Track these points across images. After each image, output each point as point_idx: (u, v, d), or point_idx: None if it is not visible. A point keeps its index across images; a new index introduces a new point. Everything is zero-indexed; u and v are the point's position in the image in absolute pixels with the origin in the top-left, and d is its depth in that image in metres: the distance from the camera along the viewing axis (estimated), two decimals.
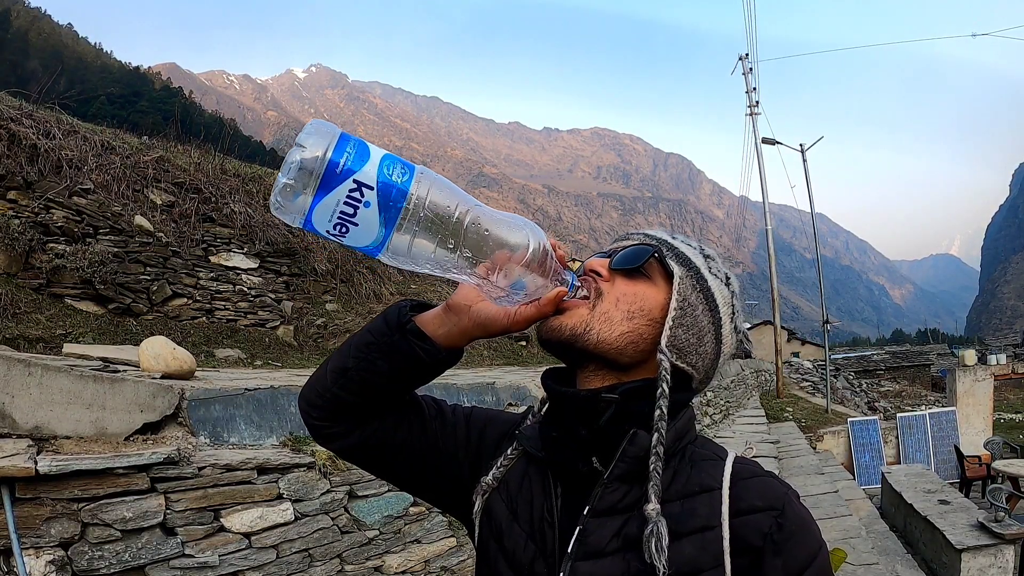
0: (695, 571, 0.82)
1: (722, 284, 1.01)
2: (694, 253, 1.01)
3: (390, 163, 0.75)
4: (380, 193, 0.74)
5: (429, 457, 1.05)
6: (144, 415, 2.87)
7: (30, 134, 6.22)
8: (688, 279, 0.96)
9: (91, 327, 5.47)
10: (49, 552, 2.43)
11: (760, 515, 0.84)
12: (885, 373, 43.08)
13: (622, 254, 0.97)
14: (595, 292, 0.93)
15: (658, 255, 0.96)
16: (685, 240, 1.04)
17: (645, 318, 0.93)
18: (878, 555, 6.65)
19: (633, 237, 1.03)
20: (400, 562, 3.84)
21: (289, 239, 7.96)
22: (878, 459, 15.57)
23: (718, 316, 0.98)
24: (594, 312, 0.92)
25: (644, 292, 0.95)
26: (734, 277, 1.04)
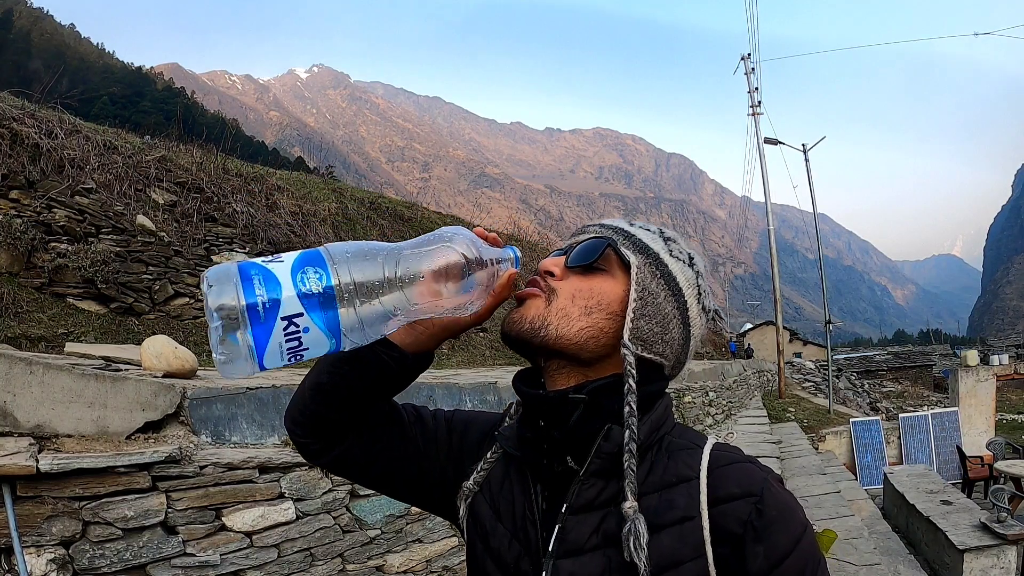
0: (676, 563, 0.81)
1: (685, 266, 0.99)
2: (652, 238, 0.99)
3: (302, 275, 0.73)
4: (311, 313, 0.73)
5: (412, 465, 1.07)
6: (146, 414, 2.87)
7: (32, 133, 6.23)
8: (646, 267, 0.94)
9: (93, 326, 5.47)
10: (50, 551, 2.43)
11: (738, 502, 0.83)
12: (887, 374, 43.11)
13: (576, 251, 0.95)
14: (546, 289, 0.93)
15: (613, 246, 0.94)
16: (643, 226, 1.01)
17: (604, 312, 0.92)
18: (880, 555, 6.64)
19: (589, 230, 1.01)
20: (402, 561, 3.84)
21: (291, 239, 7.97)
22: (880, 460, 15.58)
23: (682, 300, 0.96)
24: (551, 307, 0.91)
25: (600, 286, 0.93)
26: (699, 256, 1.02)
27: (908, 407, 23.61)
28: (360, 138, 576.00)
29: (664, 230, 1.03)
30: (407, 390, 1.01)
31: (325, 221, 9.10)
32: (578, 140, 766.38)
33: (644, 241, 0.97)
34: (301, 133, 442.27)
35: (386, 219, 11.43)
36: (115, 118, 11.56)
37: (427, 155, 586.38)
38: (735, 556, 0.81)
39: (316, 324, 0.73)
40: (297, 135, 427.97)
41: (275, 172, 10.64)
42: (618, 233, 0.98)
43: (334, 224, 9.34)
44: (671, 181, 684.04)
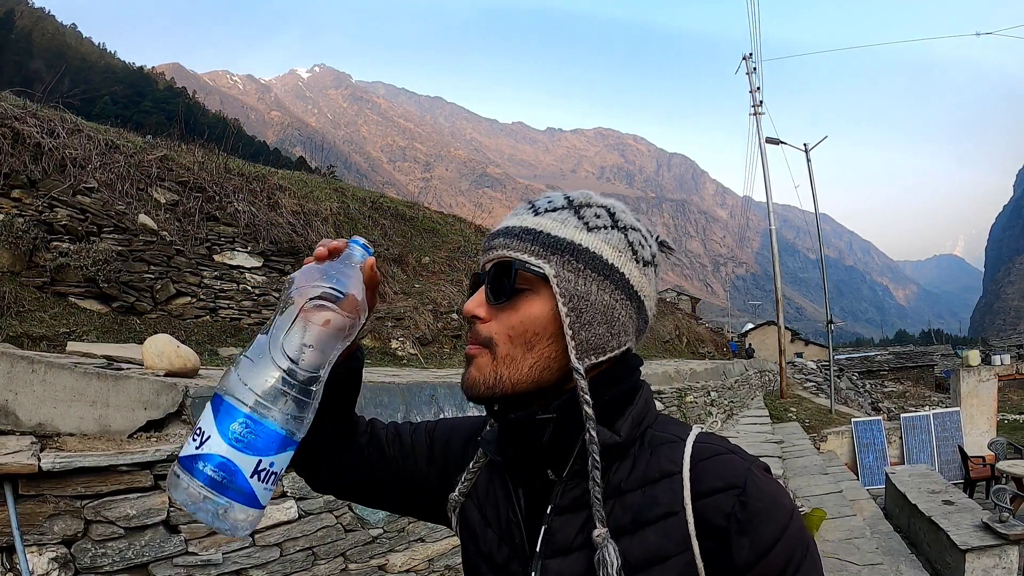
0: (662, 558, 0.82)
1: (608, 231, 0.92)
2: (562, 220, 0.91)
3: (232, 434, 0.76)
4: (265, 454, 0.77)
5: (395, 479, 1.12)
6: (148, 413, 2.87)
7: (34, 133, 6.23)
8: (565, 268, 0.88)
9: (95, 325, 5.47)
10: (52, 549, 2.43)
11: (721, 495, 0.82)
12: (889, 374, 43.08)
13: (490, 287, 0.90)
14: (484, 341, 0.89)
15: (520, 267, 0.88)
16: (549, 204, 0.93)
17: (544, 339, 0.89)
18: (882, 555, 6.64)
19: (495, 245, 0.92)
20: (404, 560, 3.84)
21: (293, 238, 7.97)
22: (882, 459, 15.57)
23: (618, 276, 0.91)
24: (496, 360, 0.89)
25: (529, 313, 0.88)
26: (621, 207, 0.96)
27: (910, 407, 23.61)
28: (361, 138, 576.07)
29: (572, 196, 0.95)
30: (412, 389, 1.04)
31: (327, 220, 9.10)
32: (579, 140, 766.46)
33: (553, 234, 0.89)
34: (302, 133, 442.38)
35: (388, 219, 11.43)
36: (116, 118, 11.54)
37: (428, 155, 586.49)
38: (721, 549, 0.81)
39: (277, 453, 0.78)
40: (298, 135, 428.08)
41: (277, 172, 10.64)
42: (523, 238, 0.89)
43: (336, 224, 9.34)
44: (672, 181, 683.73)
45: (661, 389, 8.88)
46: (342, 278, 0.85)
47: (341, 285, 0.84)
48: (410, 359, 7.63)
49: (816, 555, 0.84)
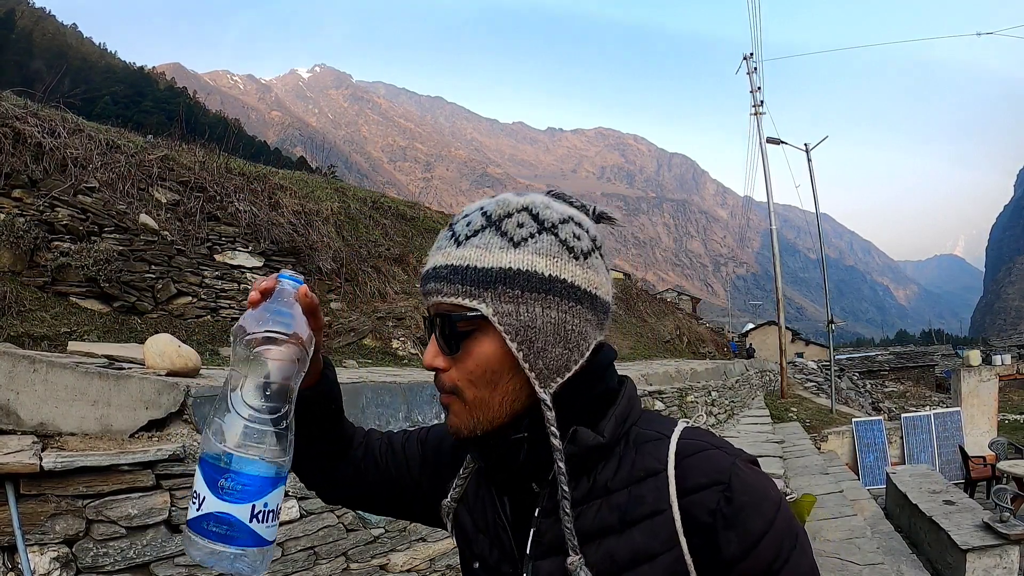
0: (649, 556, 0.82)
1: (536, 239, 0.87)
2: (484, 248, 0.86)
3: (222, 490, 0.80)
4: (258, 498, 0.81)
5: (388, 488, 1.16)
6: (149, 412, 2.87)
7: (35, 133, 6.23)
8: (502, 303, 0.85)
9: (96, 325, 5.47)
10: (53, 549, 2.43)
11: (706, 492, 0.82)
12: (889, 374, 43.09)
13: (445, 334, 0.88)
14: (451, 390, 0.90)
15: (459, 319, 0.86)
16: (469, 230, 0.89)
17: (505, 374, 0.88)
18: (883, 555, 6.64)
19: (429, 290, 0.89)
20: (405, 560, 3.84)
21: (294, 238, 7.97)
22: (882, 459, 15.56)
23: (561, 284, 0.86)
24: (467, 406, 0.89)
25: (482, 355, 0.87)
26: (543, 203, 0.89)
27: (910, 407, 23.61)
28: (362, 138, 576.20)
29: (488, 210, 0.90)
30: (413, 389, 1.06)
31: (328, 220, 9.10)
32: (580, 140, 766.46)
33: (480, 266, 0.85)
34: (303, 133, 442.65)
35: (388, 219, 11.44)
36: (117, 118, 11.54)
37: (429, 155, 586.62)
38: (709, 545, 0.81)
39: (268, 494, 0.82)
40: (299, 135, 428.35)
41: (277, 172, 10.64)
42: (451, 280, 0.86)
43: (337, 223, 9.35)
44: (673, 181, 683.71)
45: (662, 389, 8.88)
46: (280, 316, 0.86)
47: (282, 324, 0.85)
48: (411, 359, 7.64)
49: (806, 544, 0.84)
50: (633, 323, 21.19)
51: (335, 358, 6.92)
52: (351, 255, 8.92)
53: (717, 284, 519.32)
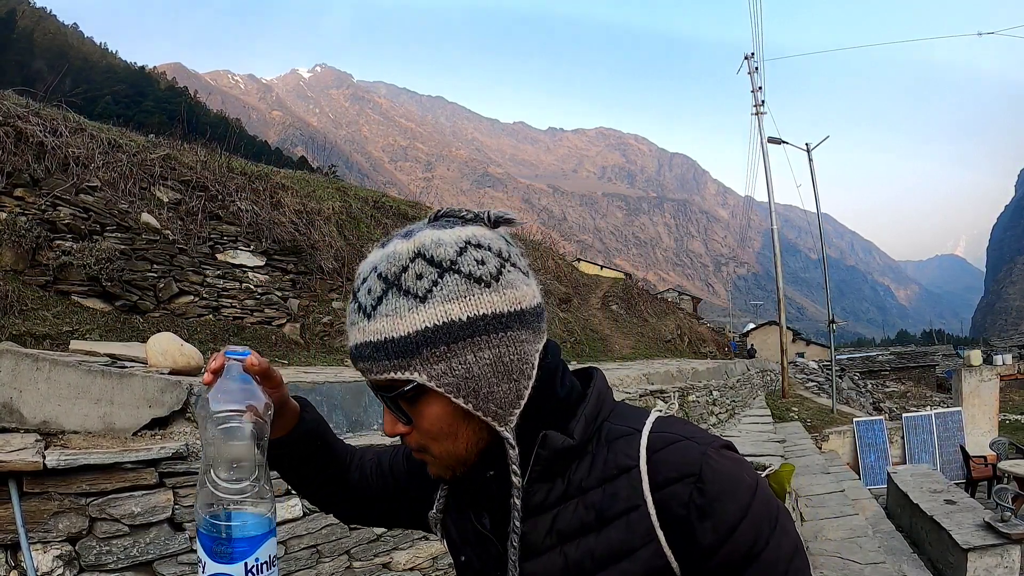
0: (629, 551, 0.83)
1: (441, 286, 0.83)
2: (394, 314, 0.83)
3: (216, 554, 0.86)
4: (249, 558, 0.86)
5: (383, 503, 1.23)
6: (152, 410, 2.87)
7: (37, 132, 6.24)
8: (432, 366, 0.82)
9: (98, 324, 5.48)
10: (56, 547, 2.43)
11: (677, 486, 0.82)
12: (890, 374, 43.03)
13: (389, 408, 0.90)
14: (419, 450, 0.92)
15: (396, 398, 0.87)
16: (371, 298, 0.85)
17: (462, 423, 0.87)
18: (884, 554, 6.64)
19: (360, 369, 0.88)
20: (408, 558, 3.84)
21: (295, 237, 7.98)
22: (884, 459, 15.56)
23: (483, 321, 0.83)
24: (437, 459, 0.91)
25: (434, 415, 0.86)
26: (432, 240, 0.86)
27: (911, 407, 23.57)
28: (363, 138, 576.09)
29: (380, 270, 0.86)
30: None
31: (329, 220, 9.11)
32: (581, 140, 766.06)
33: (396, 336, 0.82)
34: (304, 133, 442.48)
35: (390, 218, 11.44)
36: (118, 117, 11.55)
37: (430, 155, 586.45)
38: (686, 536, 0.81)
39: (258, 549, 0.87)
40: (300, 135, 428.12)
41: (279, 171, 10.65)
42: (376, 358, 0.84)
43: (338, 223, 9.35)
44: (674, 181, 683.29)
45: (664, 388, 8.87)
46: (234, 394, 0.90)
47: (236, 402, 0.89)
48: None
49: (786, 523, 0.84)
50: (634, 323, 21.20)
51: (337, 357, 6.93)
52: (353, 254, 8.92)
53: (718, 284, 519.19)
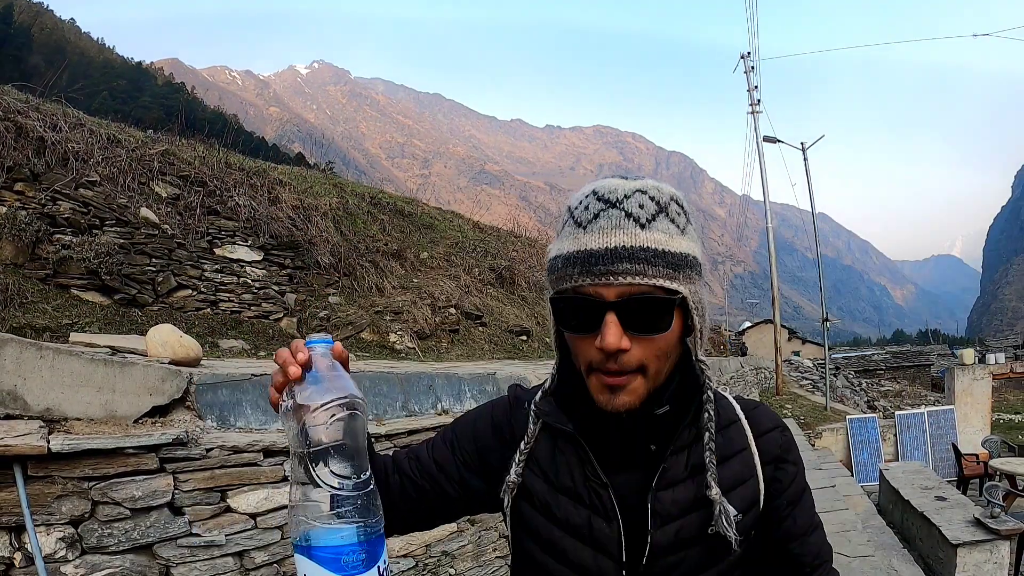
0: (742, 480, 1.09)
1: (690, 226, 0.98)
2: (667, 234, 0.94)
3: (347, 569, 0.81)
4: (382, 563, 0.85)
5: (432, 499, 1.19)
6: (153, 398, 2.93)
7: (37, 127, 6.28)
8: (689, 286, 0.95)
9: (97, 317, 5.52)
10: (60, 529, 2.49)
11: (773, 433, 1.15)
12: (885, 373, 43.15)
13: (641, 317, 0.92)
14: (638, 369, 0.95)
15: (676, 303, 0.94)
16: (646, 214, 0.94)
17: (677, 346, 1.02)
18: (874, 548, 6.70)
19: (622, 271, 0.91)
20: (402, 545, 3.90)
21: (293, 232, 8.02)
22: (876, 457, 15.64)
23: (700, 266, 0.98)
24: (648, 378, 0.97)
25: (672, 333, 0.97)
26: (669, 192, 0.98)
27: (906, 406, 23.67)
28: (360, 134, 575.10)
29: (653, 195, 0.96)
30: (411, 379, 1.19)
31: (326, 215, 9.15)
32: (578, 137, 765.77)
33: (671, 250, 0.93)
34: (301, 129, 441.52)
35: (386, 214, 11.48)
36: (116, 113, 11.59)
37: (427, 152, 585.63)
38: (778, 469, 1.13)
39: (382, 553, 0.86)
40: (297, 131, 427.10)
41: (276, 167, 10.69)
42: (652, 262, 0.91)
43: (335, 219, 9.40)
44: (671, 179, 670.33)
45: None
46: (337, 384, 0.86)
47: (340, 390, 0.86)
48: (408, 352, 7.69)
49: None
50: None
51: None
52: (349, 250, 8.97)
53: (715, 282, 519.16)
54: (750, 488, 1.09)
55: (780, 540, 1.13)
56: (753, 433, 1.13)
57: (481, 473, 1.17)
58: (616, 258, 0.90)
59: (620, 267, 0.90)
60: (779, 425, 1.16)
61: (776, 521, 1.13)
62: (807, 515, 1.15)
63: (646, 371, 0.96)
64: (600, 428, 1.06)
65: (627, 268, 0.90)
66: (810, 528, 1.15)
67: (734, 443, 1.10)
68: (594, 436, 1.07)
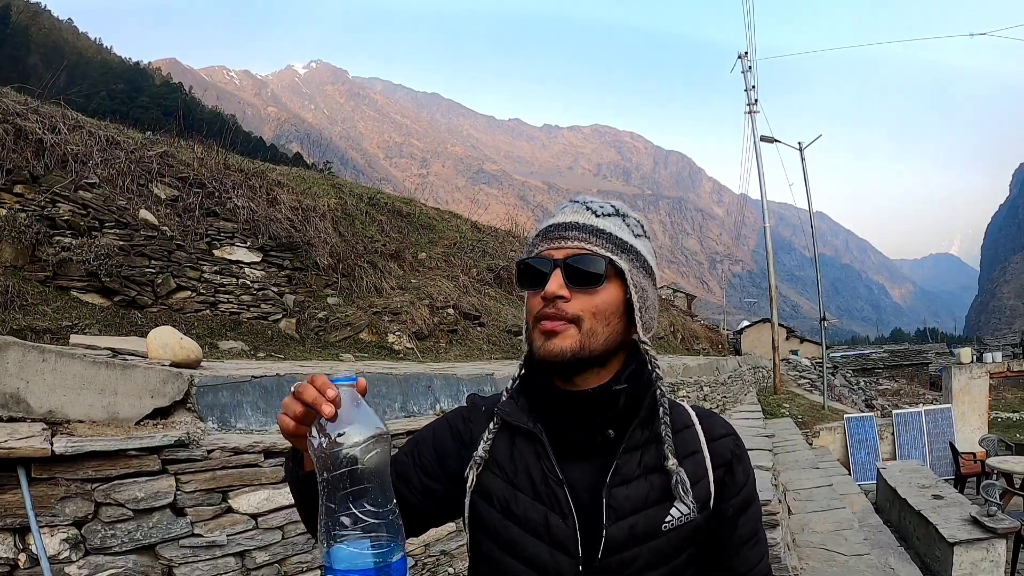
0: (695, 481, 1.12)
1: (645, 239, 1.18)
2: (620, 227, 1.14)
3: None
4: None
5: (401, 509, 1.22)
6: (154, 400, 2.95)
7: (36, 129, 6.30)
8: (631, 266, 1.12)
9: (97, 319, 5.54)
10: (63, 531, 2.51)
11: (726, 439, 1.20)
12: (884, 372, 43.20)
13: (578, 272, 1.08)
14: (572, 319, 1.08)
15: (609, 262, 1.09)
16: (605, 211, 1.15)
17: (615, 318, 1.11)
18: (871, 547, 6.74)
19: (569, 236, 1.11)
20: None
21: (292, 233, 8.05)
22: (874, 456, 15.67)
23: (654, 277, 1.18)
24: (581, 332, 1.08)
25: (606, 298, 1.10)
26: (635, 214, 1.19)
27: (904, 405, 23.71)
28: (358, 134, 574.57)
29: (615, 205, 1.18)
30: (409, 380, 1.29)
31: (325, 216, 9.17)
32: (576, 137, 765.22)
33: (619, 236, 1.12)
34: (299, 129, 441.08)
35: (385, 215, 11.51)
36: (114, 113, 11.63)
37: (425, 151, 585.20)
38: (728, 474, 1.17)
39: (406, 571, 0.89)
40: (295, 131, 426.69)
41: (275, 168, 10.71)
42: (600, 236, 1.11)
43: (334, 219, 9.42)
44: (669, 178, 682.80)
45: None
46: (365, 421, 0.89)
47: (370, 427, 0.88)
48: (406, 353, 7.72)
49: None
50: None
51: (331, 352, 7.01)
52: (348, 251, 8.99)
53: (713, 281, 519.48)
54: (702, 489, 1.13)
55: (721, 545, 1.17)
56: (706, 437, 1.18)
57: (442, 479, 1.21)
58: (568, 228, 1.12)
59: (570, 234, 1.11)
60: (731, 433, 1.22)
61: (720, 526, 1.16)
62: (751, 525, 1.19)
63: (580, 323, 1.08)
64: (560, 413, 1.13)
65: (575, 235, 1.10)
66: (752, 539, 1.19)
67: (688, 445, 1.16)
68: (554, 426, 1.14)
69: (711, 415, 1.24)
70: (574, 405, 1.12)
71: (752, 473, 1.22)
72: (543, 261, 1.11)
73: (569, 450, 1.12)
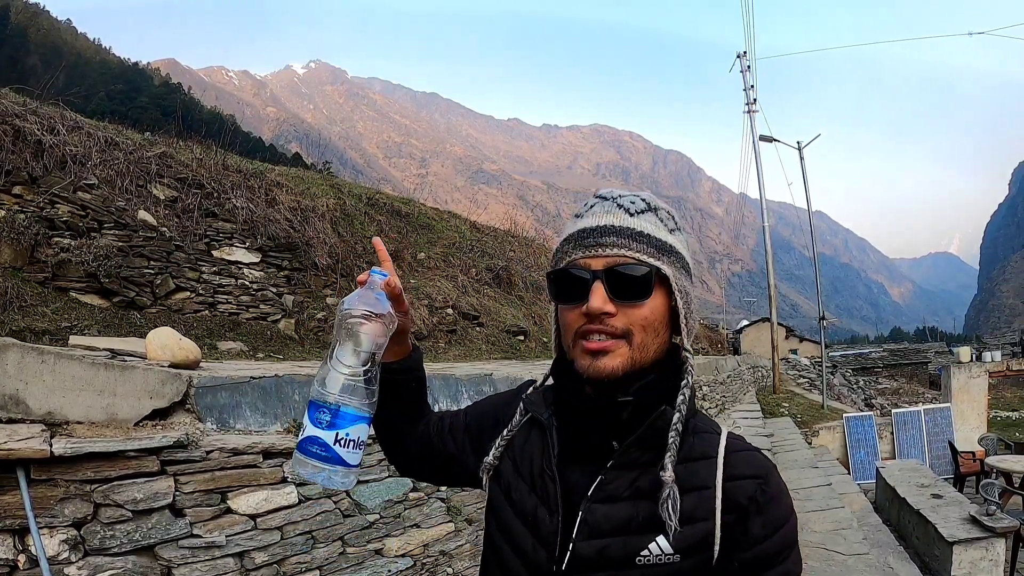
0: (692, 520, 0.99)
1: (680, 233, 1.11)
2: (657, 225, 1.06)
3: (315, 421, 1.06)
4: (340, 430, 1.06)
5: (445, 461, 1.34)
6: (153, 401, 2.95)
7: (35, 130, 6.30)
8: (673, 269, 1.05)
9: (96, 320, 5.54)
10: (63, 532, 2.51)
11: (748, 481, 1.02)
12: (883, 371, 43.22)
13: (623, 283, 1.00)
14: (622, 334, 1.02)
15: (656, 270, 1.02)
16: (635, 207, 1.07)
17: (663, 326, 1.06)
18: (870, 546, 6.73)
19: (607, 243, 1.02)
20: (400, 545, 3.93)
21: (290, 234, 8.04)
22: (873, 455, 15.66)
23: (690, 272, 1.10)
24: (632, 348, 1.02)
25: (655, 307, 1.04)
26: (665, 205, 1.11)
27: (903, 404, 23.71)
28: (357, 134, 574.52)
29: (646, 199, 1.09)
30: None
31: (324, 216, 9.17)
32: (575, 136, 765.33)
33: (657, 236, 1.05)
34: (298, 129, 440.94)
35: (384, 215, 11.50)
36: (112, 114, 11.62)
37: (424, 151, 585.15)
38: (739, 523, 1.00)
39: (347, 427, 1.06)
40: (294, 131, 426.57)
41: (274, 168, 10.71)
42: (638, 239, 1.03)
43: (333, 220, 9.42)
44: (668, 178, 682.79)
45: None
46: (371, 300, 1.09)
47: (369, 306, 1.08)
48: None
49: (799, 556, 1.04)
50: None
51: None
52: (347, 251, 8.99)
53: (713, 281, 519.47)
54: (698, 531, 0.99)
55: None
56: (725, 475, 1.02)
57: (475, 448, 1.28)
58: (604, 233, 1.03)
59: (607, 240, 1.03)
60: (760, 476, 1.02)
61: None
62: None
63: (631, 339, 1.02)
64: (573, 412, 1.11)
65: (614, 241, 1.02)
66: None
67: (697, 478, 1.02)
68: (567, 425, 1.12)
69: (746, 450, 1.07)
70: (588, 408, 1.08)
71: (785, 532, 1.01)
72: (581, 272, 1.03)
73: (576, 451, 1.09)
